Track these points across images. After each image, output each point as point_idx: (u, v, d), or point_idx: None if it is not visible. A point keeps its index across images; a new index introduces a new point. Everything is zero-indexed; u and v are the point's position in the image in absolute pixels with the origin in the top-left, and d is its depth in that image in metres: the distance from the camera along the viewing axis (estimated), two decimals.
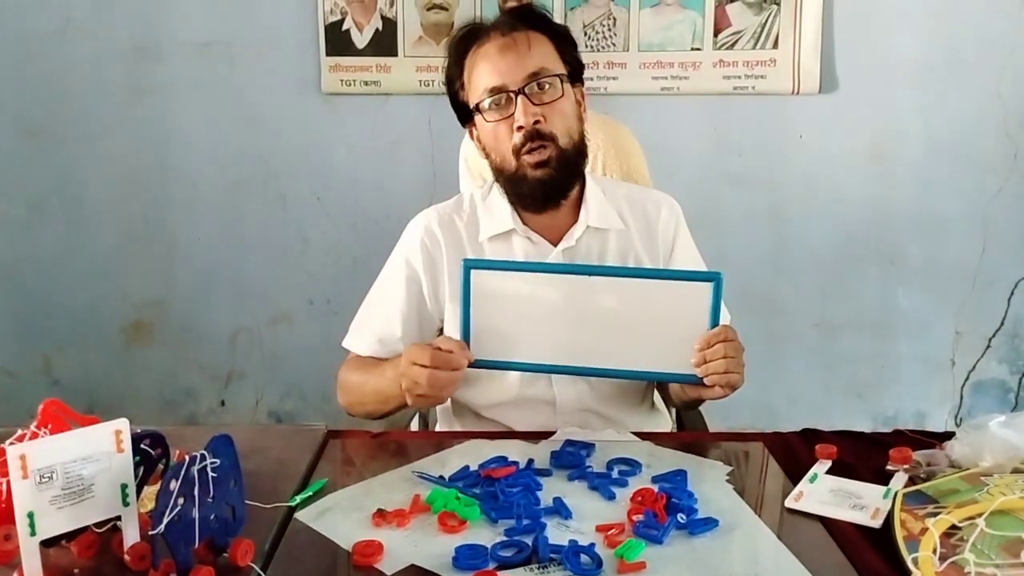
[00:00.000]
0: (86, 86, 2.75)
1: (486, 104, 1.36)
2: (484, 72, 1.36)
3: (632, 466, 1.19)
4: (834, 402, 2.90)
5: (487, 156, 1.42)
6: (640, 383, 1.48)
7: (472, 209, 1.47)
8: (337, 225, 2.81)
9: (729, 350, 1.24)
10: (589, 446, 1.25)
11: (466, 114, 1.42)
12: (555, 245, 1.41)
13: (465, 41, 1.40)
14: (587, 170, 1.45)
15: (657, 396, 1.56)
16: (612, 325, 1.28)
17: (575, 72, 1.41)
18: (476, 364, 1.30)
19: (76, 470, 0.89)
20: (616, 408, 1.44)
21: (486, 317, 1.30)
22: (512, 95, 1.34)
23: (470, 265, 1.30)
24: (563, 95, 1.36)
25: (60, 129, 2.78)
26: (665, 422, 1.56)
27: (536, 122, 1.33)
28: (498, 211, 1.43)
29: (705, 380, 1.26)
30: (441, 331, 1.45)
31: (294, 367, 2.89)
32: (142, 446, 0.99)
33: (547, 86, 1.35)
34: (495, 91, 1.34)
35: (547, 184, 1.36)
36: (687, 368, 1.26)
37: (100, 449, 0.91)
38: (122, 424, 0.93)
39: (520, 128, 1.34)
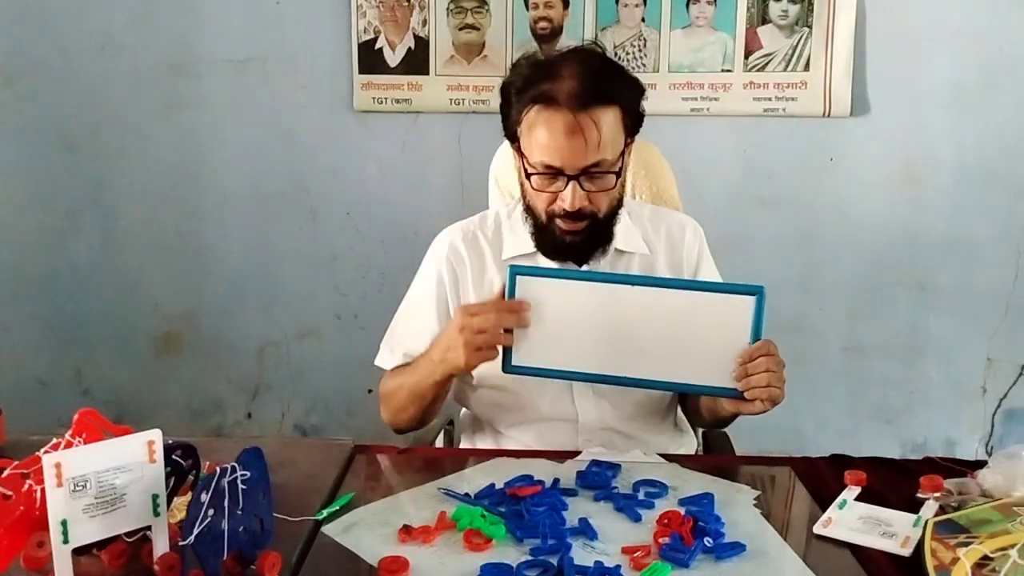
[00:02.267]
0: (124, 101, 2.80)
1: (535, 169, 1.33)
2: (544, 146, 1.30)
3: (658, 488, 1.18)
4: (863, 427, 2.87)
5: (520, 187, 1.41)
6: (663, 402, 1.47)
7: (496, 227, 1.48)
8: (366, 241, 2.83)
9: (771, 364, 1.23)
10: (615, 467, 1.24)
11: (509, 130, 1.38)
12: (579, 266, 1.41)
13: (535, 84, 1.31)
14: None
15: (682, 416, 1.56)
16: (653, 336, 1.28)
17: (635, 126, 1.38)
18: (517, 370, 1.31)
19: (109, 479, 0.91)
20: (639, 427, 1.44)
21: (529, 324, 1.30)
22: (566, 178, 1.31)
23: (516, 271, 1.30)
24: (615, 183, 1.35)
25: (97, 143, 2.83)
26: (690, 442, 1.56)
27: (581, 208, 1.33)
28: (522, 231, 1.44)
29: (746, 394, 1.24)
30: None
31: (320, 381, 2.91)
32: (174, 457, 1.00)
33: (602, 176, 1.33)
34: (550, 168, 1.32)
35: (574, 249, 1.38)
36: (728, 382, 1.26)
37: (133, 459, 0.93)
38: (155, 435, 0.94)
39: (560, 206, 1.33)
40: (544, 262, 1.42)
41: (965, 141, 2.69)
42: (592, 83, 1.29)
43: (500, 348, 1.28)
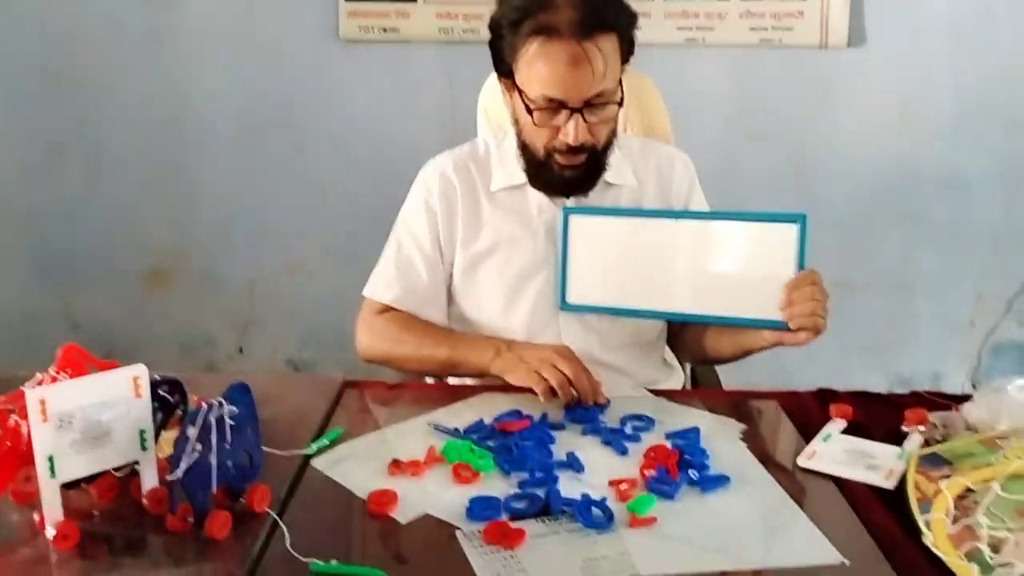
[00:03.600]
0: (106, 32, 2.73)
1: (535, 104, 1.29)
2: (546, 78, 1.27)
3: (645, 422, 1.19)
4: (850, 361, 2.88)
5: (514, 124, 1.39)
6: (652, 335, 1.47)
7: (487, 157, 1.46)
8: (355, 175, 2.79)
9: (817, 294, 1.23)
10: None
11: (501, 66, 1.35)
12: (567, 198, 1.40)
13: (531, 15, 1.27)
14: None
15: (670, 352, 1.56)
16: (700, 270, 1.31)
17: (628, 54, 1.34)
18: (572, 308, 1.37)
19: (95, 415, 0.91)
20: (627, 360, 1.43)
21: (582, 263, 1.35)
22: (568, 110, 1.28)
23: (569, 212, 1.35)
24: (616, 113, 1.33)
25: (80, 75, 2.77)
26: (678, 377, 1.56)
27: (583, 141, 1.30)
28: (511, 163, 1.42)
29: (791, 324, 1.24)
30: (451, 276, 1.45)
31: (311, 316, 2.90)
32: (160, 392, 1.00)
33: (604, 106, 1.30)
34: (552, 101, 1.28)
35: (572, 183, 1.37)
36: (773, 313, 1.26)
37: (119, 395, 0.92)
38: (140, 370, 0.94)
39: (562, 140, 1.30)
40: (533, 195, 1.41)
41: (963, 74, 2.65)
42: (591, 10, 1.26)
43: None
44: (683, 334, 1.51)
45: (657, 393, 1.33)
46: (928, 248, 2.81)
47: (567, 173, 1.34)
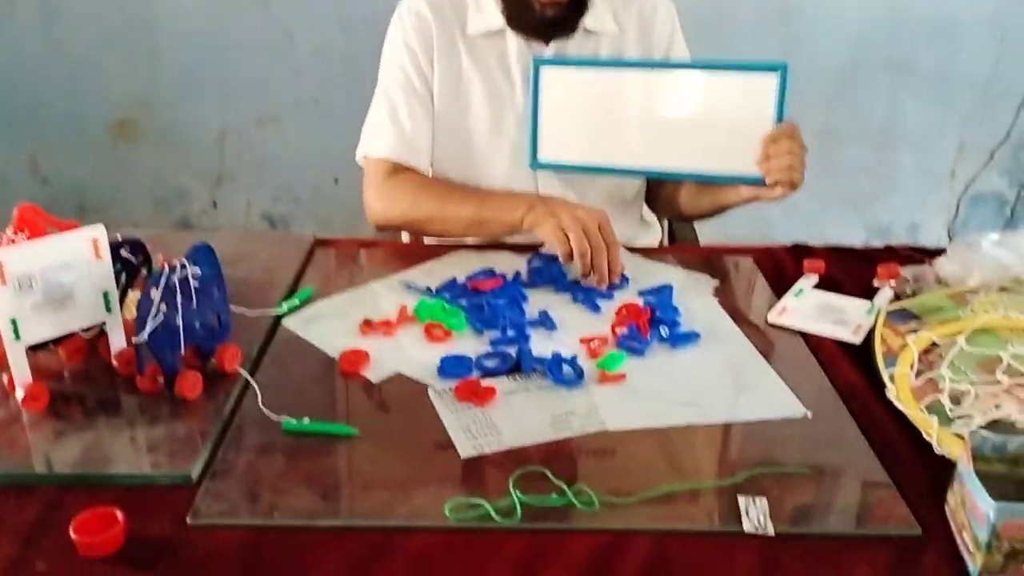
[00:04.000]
0: None
1: None
2: None
3: (619, 280, 1.18)
4: (829, 213, 2.88)
5: None
6: (631, 193, 1.45)
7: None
8: (323, 22, 2.66)
9: (794, 147, 1.20)
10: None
11: None
12: (547, 44, 1.34)
13: None
14: None
15: (647, 209, 1.54)
16: (677, 123, 1.27)
17: None
18: (542, 166, 1.32)
19: (56, 277, 0.89)
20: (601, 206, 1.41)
21: (553, 117, 1.30)
22: None
23: (539, 63, 1.28)
24: None
25: None
26: (655, 234, 1.55)
27: None
28: (488, 6, 1.35)
29: (767, 179, 1.22)
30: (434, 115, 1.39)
31: (285, 169, 2.84)
32: (122, 253, 0.97)
33: None
34: None
35: (555, 24, 1.31)
36: (750, 168, 1.23)
37: (78, 256, 0.90)
38: (99, 231, 0.91)
39: None
40: (512, 41, 1.35)
41: None
42: None
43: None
44: (660, 191, 1.49)
45: (633, 250, 1.31)
46: (913, 97, 2.75)
47: (549, 12, 1.29)
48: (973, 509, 0.70)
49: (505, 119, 1.36)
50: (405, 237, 1.52)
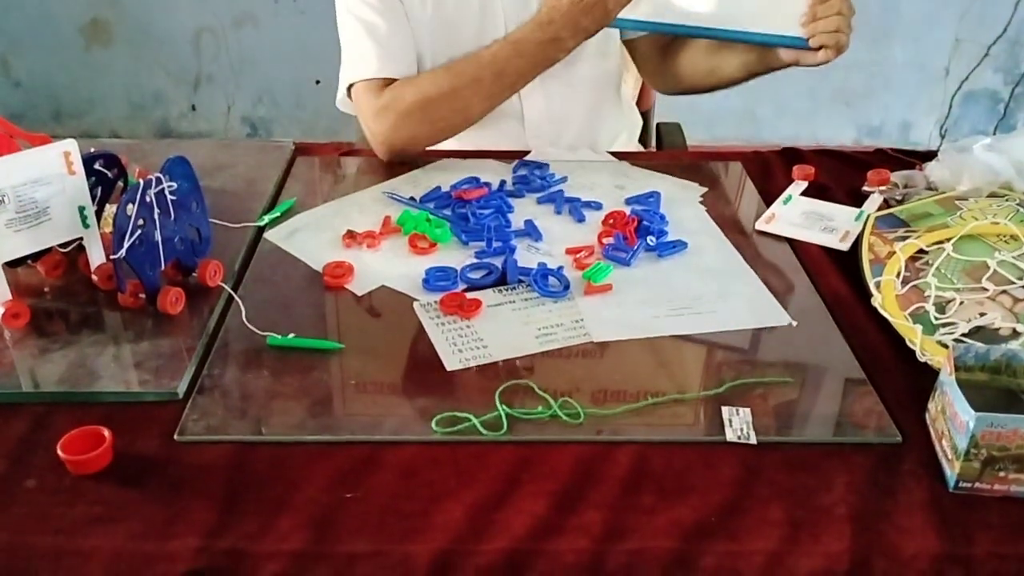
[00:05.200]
0: None
1: None
2: None
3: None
4: (820, 111, 2.85)
5: None
6: (610, 84, 1.42)
7: None
8: None
9: (843, 7, 1.14)
10: (544, 166, 1.22)
11: None
12: None
13: None
14: None
15: (625, 93, 1.49)
16: None
17: None
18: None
19: (28, 193, 0.86)
20: (588, 105, 1.38)
21: None
22: None
23: None
24: None
25: None
26: (636, 120, 1.53)
27: None
28: None
29: (811, 41, 1.16)
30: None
31: (264, 71, 2.77)
32: (96, 167, 0.95)
33: None
34: None
35: None
36: (794, 29, 1.16)
37: (51, 172, 0.88)
38: (70, 145, 0.89)
39: None
40: None
41: None
42: None
43: None
44: (679, 54, 1.39)
45: (620, 157, 1.29)
46: None
47: None
48: (953, 417, 0.71)
49: (495, 15, 1.27)
50: None
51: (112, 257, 0.86)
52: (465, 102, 1.23)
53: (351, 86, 1.26)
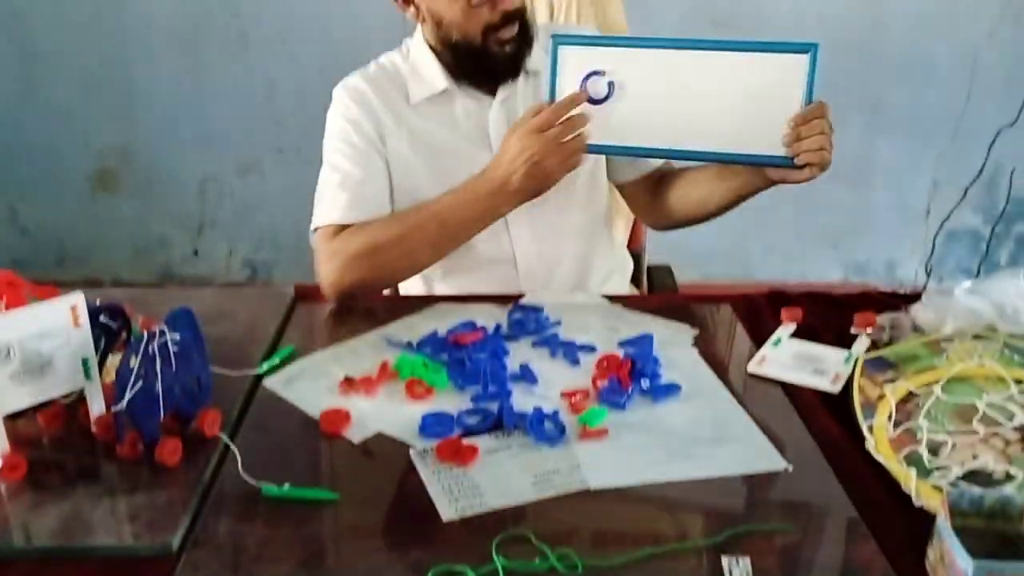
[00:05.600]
0: None
1: None
2: None
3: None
4: (808, 251, 2.92)
5: (437, 27, 1.32)
6: (599, 229, 1.47)
7: (396, 72, 1.40)
8: (304, 70, 2.70)
9: (825, 127, 1.17)
10: (539, 310, 1.24)
11: None
12: (493, 97, 1.37)
13: None
14: (553, 20, 1.39)
15: (616, 236, 1.54)
16: (703, 104, 1.21)
17: None
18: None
19: (34, 346, 0.88)
20: (578, 243, 1.43)
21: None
22: None
23: (559, 42, 1.22)
24: None
25: None
26: (628, 261, 1.58)
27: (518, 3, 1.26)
28: (427, 72, 1.37)
29: (797, 160, 1.17)
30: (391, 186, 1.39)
31: (266, 216, 2.86)
32: (101, 319, 0.97)
33: None
34: None
35: (515, 58, 1.32)
36: (778, 149, 1.19)
37: (57, 324, 0.90)
38: (77, 298, 0.91)
39: (504, 12, 1.27)
40: (459, 100, 1.37)
41: None
42: None
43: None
44: (668, 190, 1.44)
45: (612, 300, 1.32)
46: (887, 136, 2.81)
47: (508, 48, 1.31)
48: (952, 566, 0.71)
49: (459, 176, 1.32)
50: None
51: (113, 409, 0.87)
52: (411, 249, 1.30)
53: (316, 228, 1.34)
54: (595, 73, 1.22)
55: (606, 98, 1.22)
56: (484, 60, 1.32)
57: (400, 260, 1.31)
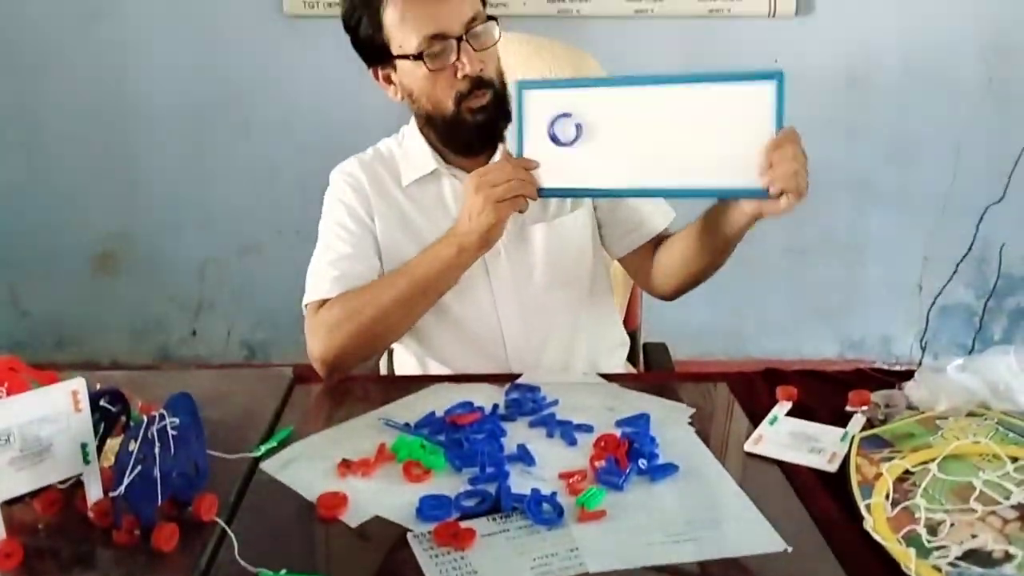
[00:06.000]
0: (41, 10, 2.65)
1: (422, 49, 1.28)
2: (419, 19, 1.27)
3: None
4: (802, 327, 2.94)
5: (412, 102, 1.37)
6: (590, 307, 1.48)
7: (391, 157, 1.45)
8: (304, 153, 2.75)
9: (798, 153, 1.15)
10: (535, 389, 1.25)
11: (375, 56, 1.36)
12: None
13: None
14: None
15: (613, 313, 1.56)
16: (672, 140, 1.20)
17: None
18: (545, 194, 1.26)
19: (34, 431, 0.89)
20: (567, 334, 1.45)
21: (541, 143, 1.23)
22: (454, 42, 1.28)
23: (523, 86, 1.23)
24: (497, 38, 1.33)
25: (14, 58, 2.69)
26: (624, 340, 1.59)
27: (480, 69, 1.30)
28: (417, 155, 1.42)
29: (772, 188, 1.15)
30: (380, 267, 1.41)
31: (265, 297, 2.88)
32: (101, 403, 0.98)
33: (483, 30, 1.30)
34: (436, 38, 1.28)
35: (487, 127, 1.34)
36: (752, 181, 1.16)
37: (57, 410, 0.90)
38: (79, 384, 0.92)
39: (466, 77, 1.30)
40: (446, 182, 1.41)
41: (909, 41, 2.69)
42: None
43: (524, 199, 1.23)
44: (663, 249, 1.44)
45: (608, 379, 1.33)
46: (877, 213, 2.86)
47: (479, 118, 1.33)
48: None
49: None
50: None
51: (111, 495, 0.87)
52: (384, 310, 1.31)
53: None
54: (562, 115, 1.23)
55: (575, 140, 1.23)
56: (459, 131, 1.35)
57: (376, 323, 1.31)
